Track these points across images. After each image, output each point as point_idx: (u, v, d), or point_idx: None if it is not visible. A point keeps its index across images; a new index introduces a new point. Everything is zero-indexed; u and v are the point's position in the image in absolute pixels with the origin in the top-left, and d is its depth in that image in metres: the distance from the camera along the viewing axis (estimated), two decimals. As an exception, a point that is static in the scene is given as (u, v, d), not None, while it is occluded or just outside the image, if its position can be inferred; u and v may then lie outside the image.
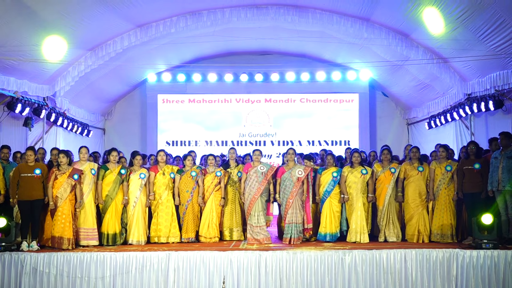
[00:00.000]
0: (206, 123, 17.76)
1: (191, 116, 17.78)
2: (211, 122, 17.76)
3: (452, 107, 14.27)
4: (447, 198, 10.34)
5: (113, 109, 18.38)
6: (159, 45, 14.45)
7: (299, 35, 14.21)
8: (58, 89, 13.57)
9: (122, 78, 16.66)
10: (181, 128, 17.76)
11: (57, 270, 9.00)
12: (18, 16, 10.27)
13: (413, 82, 15.55)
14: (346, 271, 9.02)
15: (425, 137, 16.67)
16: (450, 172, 10.35)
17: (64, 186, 9.67)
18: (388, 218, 10.47)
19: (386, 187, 10.49)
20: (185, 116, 17.80)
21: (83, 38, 12.46)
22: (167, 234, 10.45)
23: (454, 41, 11.87)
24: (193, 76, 17.46)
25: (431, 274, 9.00)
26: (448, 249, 9.12)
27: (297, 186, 10.29)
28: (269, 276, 9.00)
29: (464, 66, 12.86)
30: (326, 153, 11.47)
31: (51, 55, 11.83)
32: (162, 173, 10.62)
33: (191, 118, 17.77)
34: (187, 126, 17.76)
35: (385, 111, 18.37)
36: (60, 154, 9.89)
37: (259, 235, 10.27)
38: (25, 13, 10.25)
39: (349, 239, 10.36)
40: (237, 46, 16.32)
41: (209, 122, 17.76)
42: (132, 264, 9.07)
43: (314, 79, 17.42)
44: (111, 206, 10.21)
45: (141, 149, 16.31)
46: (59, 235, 9.53)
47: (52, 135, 14.42)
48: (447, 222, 10.25)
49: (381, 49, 14.25)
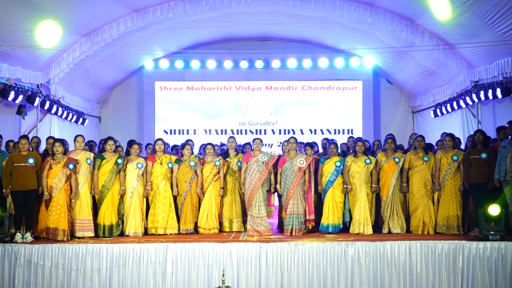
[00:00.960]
0: (205, 111, 17.72)
1: (189, 104, 17.74)
2: (210, 110, 17.73)
3: (459, 94, 14.23)
4: (453, 188, 10.34)
5: (109, 96, 18.35)
6: (157, 31, 14.38)
7: (301, 20, 14.13)
8: (52, 76, 13.53)
9: (118, 64, 16.61)
10: (179, 116, 17.73)
11: (52, 262, 9.00)
12: (12, 1, 10.21)
13: (418, 69, 15.50)
14: (349, 263, 9.02)
15: (430, 125, 16.65)
16: (456, 161, 10.33)
17: (59, 176, 9.65)
18: (392, 209, 10.47)
19: (390, 177, 10.48)
20: (183, 104, 17.76)
21: (78, 23, 12.40)
22: (164, 226, 10.47)
23: (460, 27, 11.83)
24: (192, 63, 17.41)
25: (436, 267, 9.01)
26: (454, 241, 9.11)
27: (298, 176, 10.29)
28: (270, 269, 9.01)
29: (471, 53, 12.81)
30: (328, 142, 11.44)
31: (45, 41, 11.79)
32: (160, 163, 10.62)
33: (189, 106, 17.74)
34: (185, 114, 17.73)
35: (389, 99, 18.33)
36: (56, 143, 9.86)
37: (260, 226, 10.28)
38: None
39: (352, 231, 10.37)
40: (237, 31, 16.25)
41: (208, 110, 17.72)
42: (129, 256, 9.07)
43: (317, 66, 17.37)
44: (107, 196, 10.21)
45: (138, 138, 16.27)
46: (54, 226, 9.54)
47: (46, 123, 14.39)
48: (453, 213, 10.26)
49: (386, 34, 14.19)
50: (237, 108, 17.76)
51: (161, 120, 17.70)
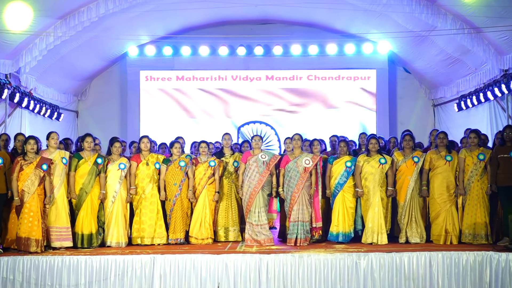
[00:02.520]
0: (196, 104, 17.78)
1: (179, 96, 17.78)
2: (202, 103, 17.79)
3: (486, 85, 14.27)
4: (480, 192, 10.34)
5: (88, 88, 18.39)
6: (142, 13, 14.42)
7: (307, 1, 14.17)
8: (22, 64, 13.52)
9: (98, 51, 16.65)
10: (168, 110, 17.76)
11: (23, 277, 9.02)
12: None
13: (440, 56, 15.54)
14: (361, 277, 9.04)
15: (454, 120, 16.69)
16: (483, 161, 10.34)
17: (32, 178, 9.65)
18: (411, 215, 10.48)
19: (408, 179, 10.49)
20: (172, 96, 17.79)
21: (51, 5, 12.42)
22: (151, 235, 10.48)
23: (488, 8, 11.86)
24: (182, 50, 17.48)
25: (461, 281, 9.03)
26: (480, 252, 9.14)
27: (303, 178, 10.31)
28: (271, 283, 9.03)
29: (500, 37, 12.84)
30: (338, 139, 11.47)
31: (14, 25, 11.79)
32: (146, 163, 10.63)
33: (179, 98, 17.77)
34: (175, 107, 17.77)
35: (407, 90, 18.40)
36: (30, 140, 9.80)
37: (260, 235, 10.29)
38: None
39: (365, 240, 10.38)
40: (233, 14, 16.30)
41: (201, 103, 17.79)
42: (111, 269, 9.08)
43: (324, 53, 17.45)
44: (86, 201, 10.21)
45: (121, 135, 16.28)
46: (26, 236, 9.52)
47: (16, 118, 14.40)
48: (480, 220, 10.26)
49: (403, 17, 14.22)
50: (233, 101, 17.79)
51: (147, 114, 17.73)
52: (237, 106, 17.80)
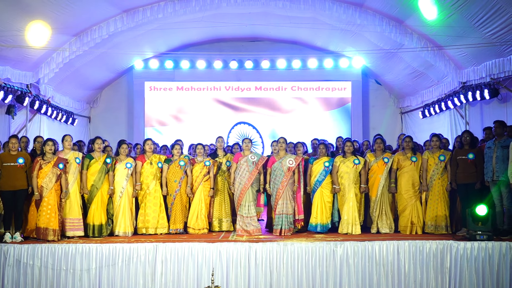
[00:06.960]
0: (194, 111, 17.74)
1: (179, 104, 17.75)
2: (199, 110, 17.73)
3: (447, 95, 14.31)
4: (441, 188, 10.38)
5: (99, 96, 18.33)
6: (146, 31, 14.39)
7: (291, 21, 14.17)
8: (41, 76, 13.48)
9: (108, 64, 16.59)
10: (169, 116, 17.73)
11: (41, 262, 8.99)
12: (0, 0, 10.18)
13: (407, 70, 15.58)
14: (338, 263, 9.06)
15: (419, 126, 16.74)
16: (443, 162, 10.38)
17: (50, 176, 9.63)
18: (381, 209, 10.50)
19: (379, 177, 10.52)
20: (173, 104, 17.76)
21: (67, 23, 12.36)
22: (155, 225, 10.46)
23: (449, 28, 11.89)
24: (181, 63, 17.47)
25: (424, 266, 9.06)
26: (441, 241, 9.17)
27: (287, 176, 10.31)
28: (259, 268, 9.03)
29: (459, 54, 12.88)
30: (318, 142, 11.48)
31: (34, 41, 11.74)
32: (150, 163, 10.62)
33: (179, 106, 17.74)
34: (175, 114, 17.73)
35: (378, 100, 18.43)
36: (48, 142, 9.82)
37: (250, 226, 10.28)
38: (8, -3, 10.19)
39: (341, 231, 10.40)
40: (227, 32, 16.29)
41: (198, 110, 17.73)
42: (118, 256, 9.07)
43: (306, 67, 17.48)
44: (96, 196, 10.20)
45: (128, 137, 16.30)
46: (44, 226, 9.51)
47: (35, 123, 14.34)
48: (441, 213, 10.30)
49: (375, 36, 14.26)
50: (226, 109, 17.77)
51: (151, 120, 17.69)
52: (229, 112, 17.78)
